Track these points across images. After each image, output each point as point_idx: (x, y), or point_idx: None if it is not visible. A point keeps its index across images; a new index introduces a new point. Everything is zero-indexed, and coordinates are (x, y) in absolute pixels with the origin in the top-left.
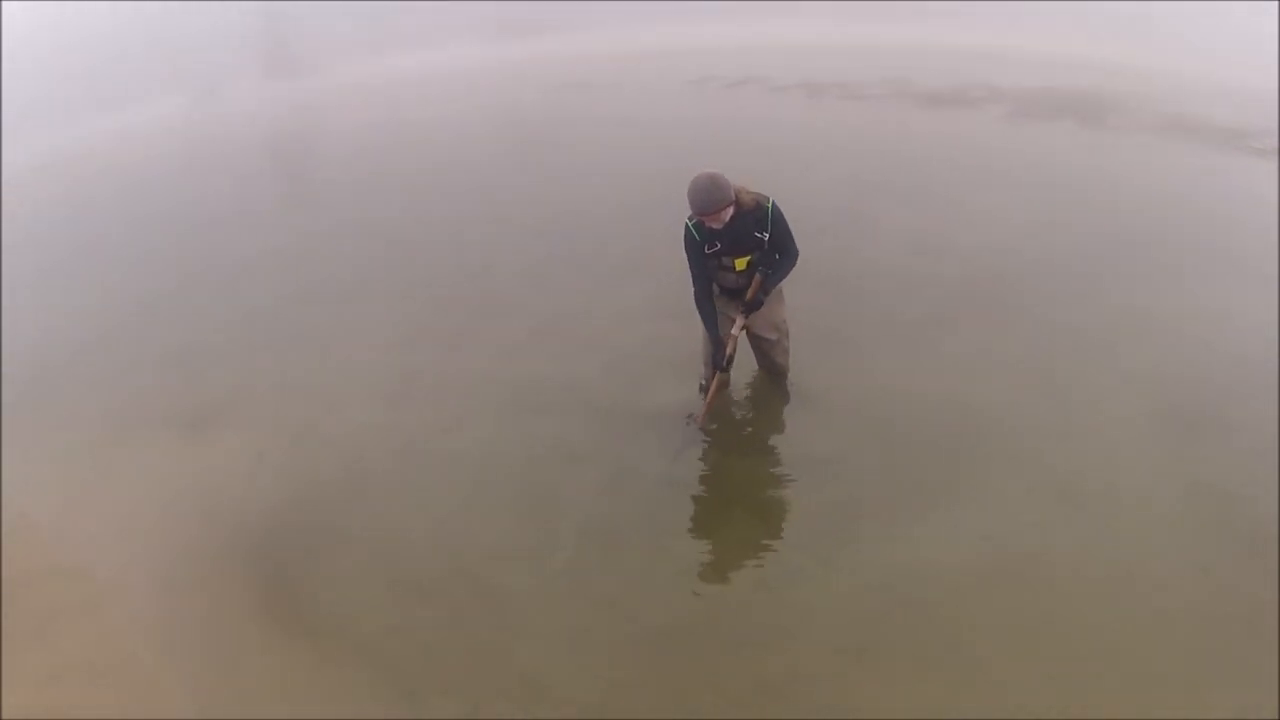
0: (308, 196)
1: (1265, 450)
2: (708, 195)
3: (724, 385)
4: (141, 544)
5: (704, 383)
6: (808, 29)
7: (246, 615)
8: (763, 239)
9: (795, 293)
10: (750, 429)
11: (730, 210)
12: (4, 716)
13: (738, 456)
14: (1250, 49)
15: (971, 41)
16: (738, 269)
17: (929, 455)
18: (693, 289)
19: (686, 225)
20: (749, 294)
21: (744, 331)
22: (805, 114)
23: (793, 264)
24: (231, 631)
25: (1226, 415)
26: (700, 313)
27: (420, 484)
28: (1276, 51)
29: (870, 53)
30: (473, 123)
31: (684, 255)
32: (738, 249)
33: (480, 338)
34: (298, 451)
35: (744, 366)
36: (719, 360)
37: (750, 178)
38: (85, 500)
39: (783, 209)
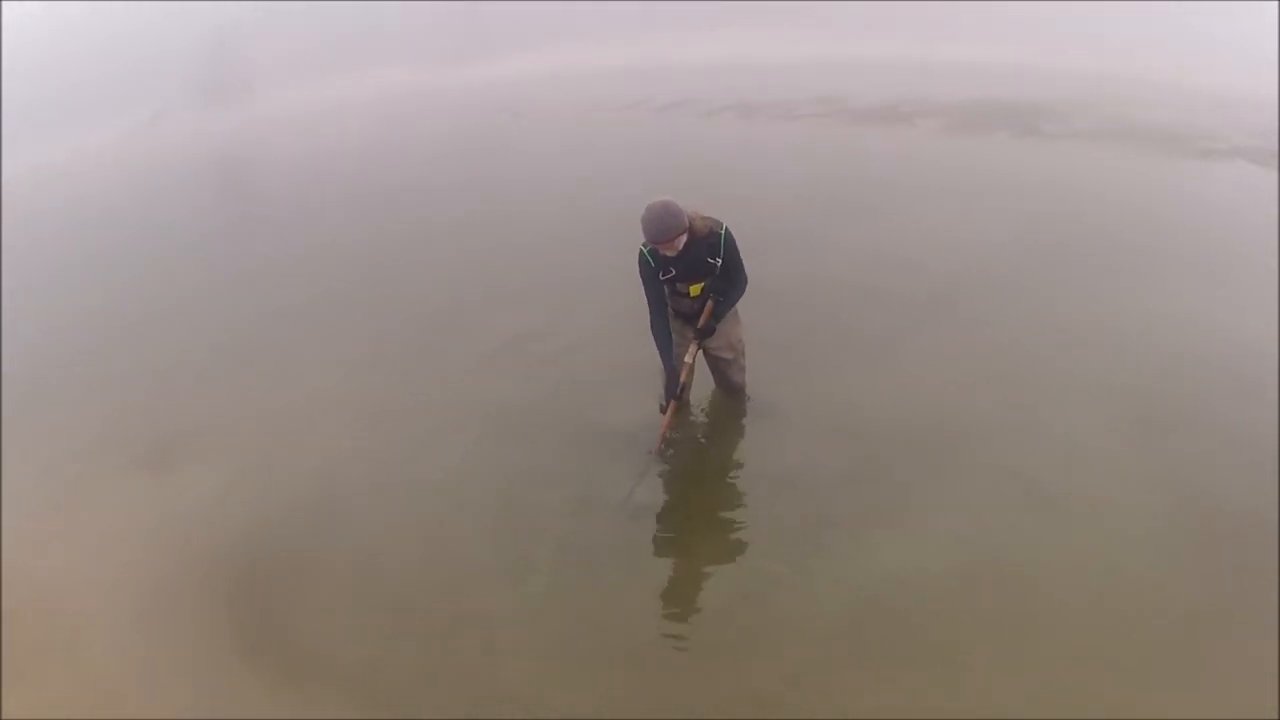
0: (254, 222)
1: (1231, 447)
2: (661, 224)
3: (678, 411)
4: (118, 581)
5: (663, 403)
6: (733, 48)
7: (230, 653)
8: (715, 265)
9: (750, 310)
10: (712, 448)
11: (684, 238)
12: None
13: (701, 476)
14: (1187, 49)
15: (896, 55)
16: (692, 295)
17: (893, 464)
18: (649, 316)
19: (641, 252)
20: (701, 321)
21: (700, 352)
22: (743, 135)
23: (742, 292)
24: (215, 670)
25: (1188, 415)
26: (656, 340)
27: (393, 512)
28: (1217, 50)
29: (798, 70)
30: (416, 148)
31: (638, 280)
32: (691, 275)
33: (442, 361)
34: (268, 483)
35: (702, 385)
36: (672, 389)
37: (702, 201)
38: (57, 538)
39: (735, 235)
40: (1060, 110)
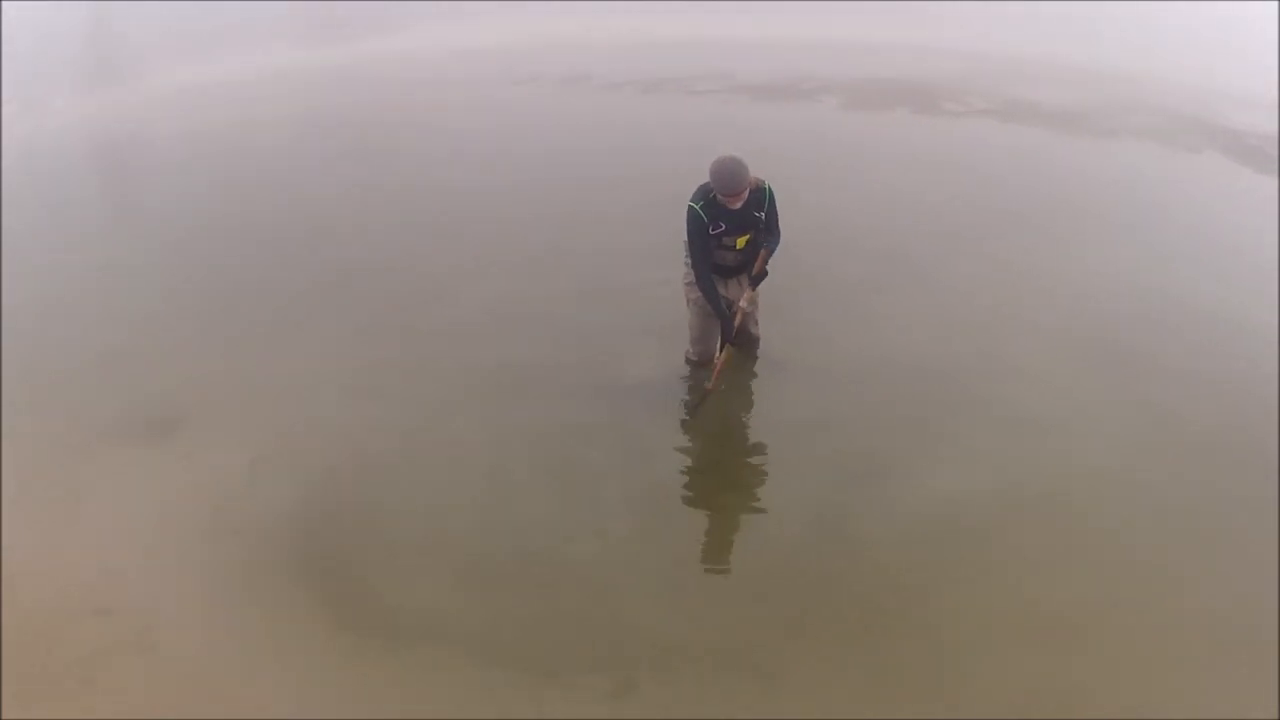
0: (146, 204)
1: (1183, 376)
2: (735, 177)
3: (730, 356)
4: (170, 568)
5: (691, 356)
6: (622, 25)
7: (320, 628)
8: (760, 218)
9: None
10: (739, 399)
11: (748, 191)
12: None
13: (739, 424)
14: (1069, 34)
15: (786, 35)
16: (738, 248)
17: (909, 404)
18: (694, 271)
19: (693, 208)
20: (756, 268)
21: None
22: (648, 111)
23: (778, 244)
24: (311, 649)
25: (1144, 353)
26: (704, 290)
27: (435, 472)
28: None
29: (692, 47)
30: (317, 123)
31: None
32: (740, 229)
33: (432, 328)
34: (289, 453)
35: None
36: (729, 333)
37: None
38: (84, 530)
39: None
40: (954, 89)
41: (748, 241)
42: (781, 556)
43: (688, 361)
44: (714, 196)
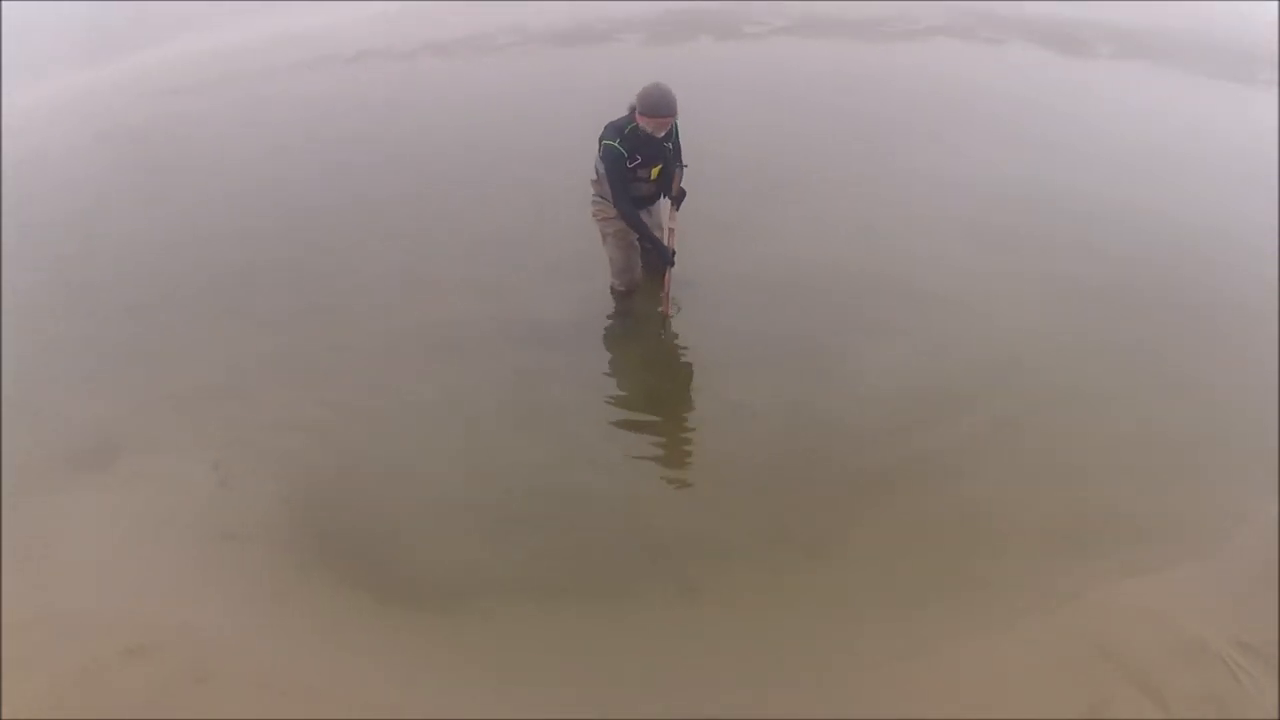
0: None
1: (1062, 248)
2: (667, 102)
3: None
4: (193, 594)
5: (617, 287)
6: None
7: (360, 611)
8: (669, 148)
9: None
10: (677, 317)
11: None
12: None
13: (695, 343)
14: None
15: None
16: (652, 178)
17: (830, 302)
18: (617, 206)
19: (612, 145)
20: (674, 189)
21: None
22: (451, 75)
23: (685, 166)
24: (361, 633)
25: (1027, 229)
26: (631, 221)
27: (407, 439)
28: None
29: (466, 6)
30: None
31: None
32: (653, 159)
33: (337, 305)
34: (247, 448)
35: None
36: (667, 256)
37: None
38: (67, 569)
39: None
40: (747, 11)
41: (660, 171)
42: (772, 446)
43: (613, 293)
44: (630, 130)
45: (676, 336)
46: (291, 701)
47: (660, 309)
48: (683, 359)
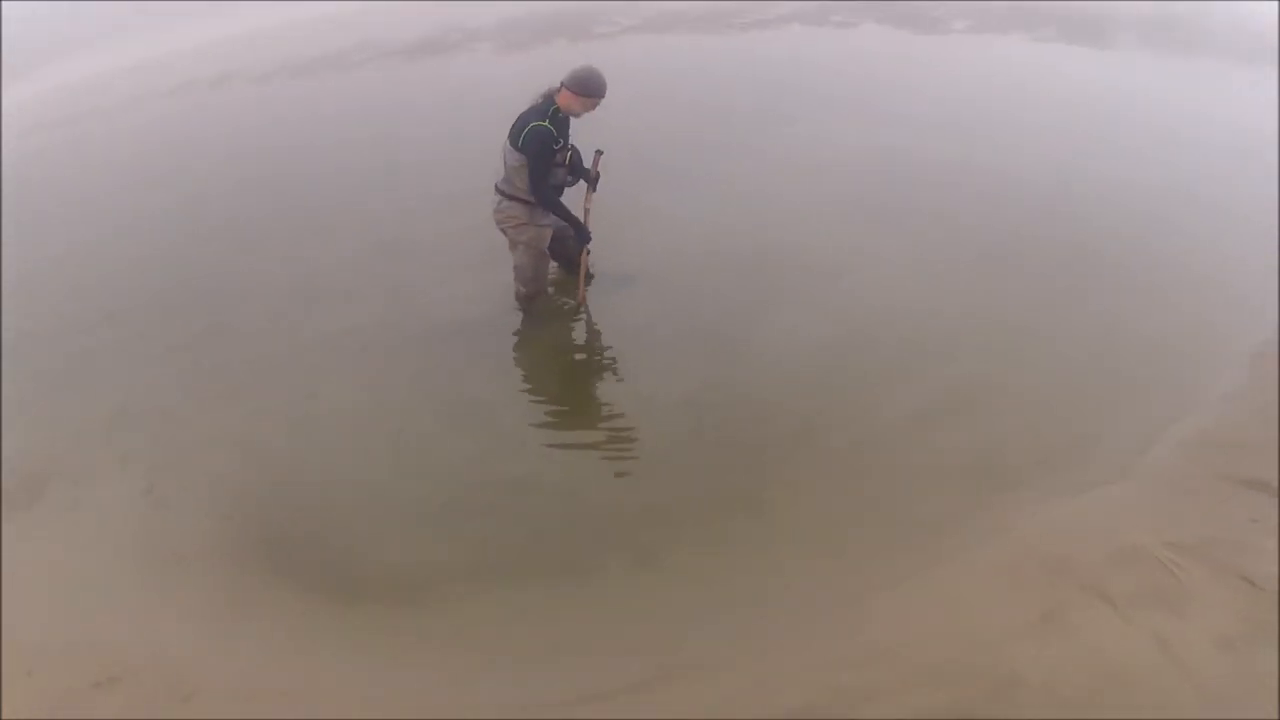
0: None
1: (937, 210)
2: (604, 81)
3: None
4: (143, 617)
5: (522, 296)
6: (236, 19)
7: (337, 611)
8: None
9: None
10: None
11: None
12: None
13: (596, 328)
14: None
15: None
16: (567, 163)
17: (724, 283)
18: (538, 195)
19: (544, 127)
20: (593, 173)
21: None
22: (313, 94)
23: None
24: (337, 628)
25: (898, 200)
26: (552, 205)
27: (341, 444)
28: None
29: (317, 25)
30: None
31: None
32: (566, 145)
33: (236, 322)
34: (179, 469)
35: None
36: (586, 236)
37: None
38: (17, 608)
39: None
40: (594, 13)
41: (571, 158)
42: (696, 419)
43: (518, 298)
44: (553, 113)
45: (593, 320)
46: (281, 707)
47: (578, 292)
48: (594, 346)
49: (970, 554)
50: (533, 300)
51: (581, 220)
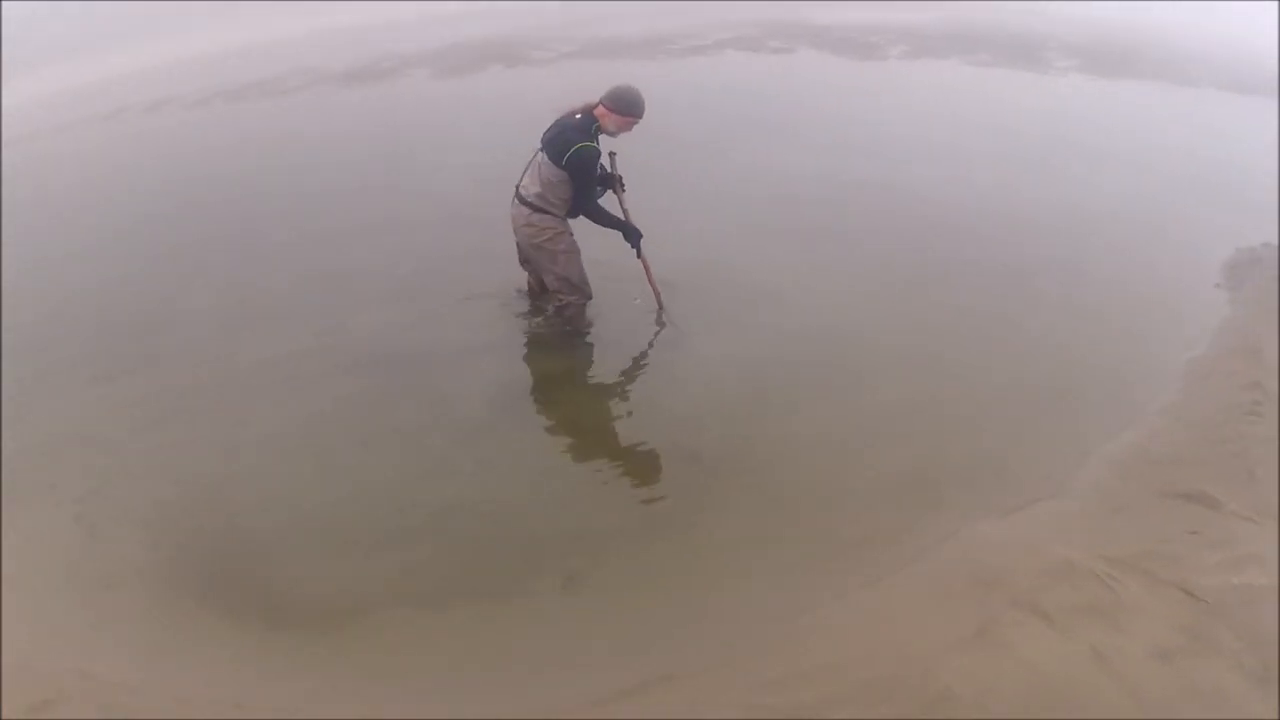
0: None
1: (864, 230)
2: (643, 102)
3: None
4: (79, 653)
5: (577, 301)
6: (173, 44)
7: (274, 634)
8: None
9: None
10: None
11: None
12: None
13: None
14: None
15: (343, 23)
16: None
17: (703, 287)
18: (586, 207)
19: (591, 146)
20: (616, 175)
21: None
22: (254, 117)
23: None
24: (282, 650)
25: (827, 222)
26: (604, 219)
27: (275, 469)
28: None
29: (251, 52)
30: None
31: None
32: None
33: (179, 354)
34: (107, 495)
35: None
36: (635, 235)
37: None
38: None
39: None
40: (530, 40)
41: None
42: (626, 439)
43: (565, 313)
44: (595, 130)
45: (512, 355)
46: None
47: (654, 294)
48: (524, 371)
49: (902, 572)
50: (585, 307)
51: (626, 219)
